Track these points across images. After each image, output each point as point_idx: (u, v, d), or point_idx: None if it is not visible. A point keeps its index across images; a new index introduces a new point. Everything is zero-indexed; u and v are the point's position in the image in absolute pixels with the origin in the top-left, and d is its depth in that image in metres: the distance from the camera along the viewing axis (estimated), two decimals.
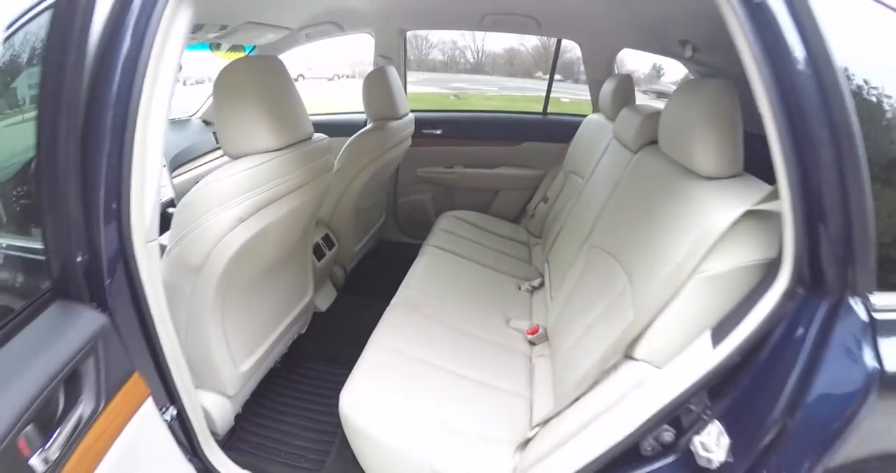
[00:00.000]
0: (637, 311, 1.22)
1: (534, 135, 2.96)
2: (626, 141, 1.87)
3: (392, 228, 3.12)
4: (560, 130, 2.85)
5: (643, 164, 1.64)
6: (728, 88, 1.17)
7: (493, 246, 2.57)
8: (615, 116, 2.13)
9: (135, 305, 1.05)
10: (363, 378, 1.44)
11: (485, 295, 2.08)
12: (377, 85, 2.32)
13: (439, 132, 2.99)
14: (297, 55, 2.81)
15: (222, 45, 2.51)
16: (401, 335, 1.64)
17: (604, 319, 1.40)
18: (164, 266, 1.34)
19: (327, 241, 2.30)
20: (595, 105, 2.84)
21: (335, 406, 1.38)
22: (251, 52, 2.67)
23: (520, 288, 2.24)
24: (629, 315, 1.26)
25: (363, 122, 2.68)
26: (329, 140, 1.71)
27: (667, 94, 2.48)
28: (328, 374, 2.02)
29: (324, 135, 1.69)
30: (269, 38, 2.47)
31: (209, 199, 1.29)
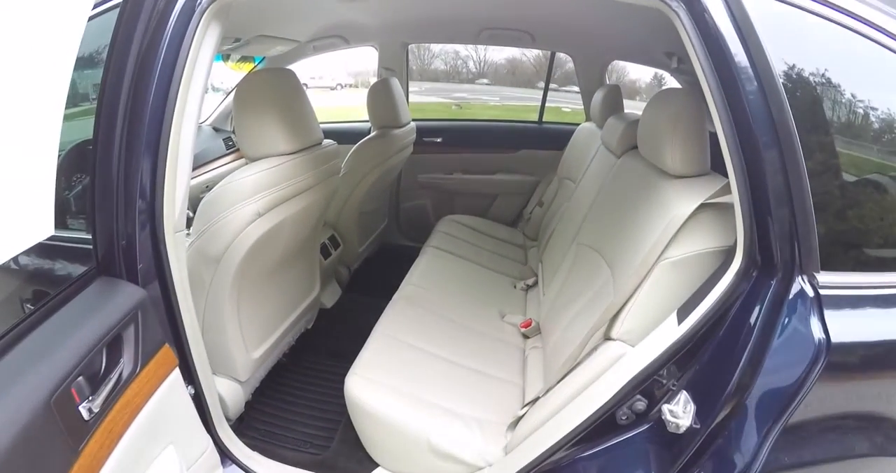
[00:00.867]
0: (616, 298, 1.34)
1: (530, 143, 3.10)
2: (612, 146, 1.99)
3: (394, 232, 3.24)
4: (555, 138, 2.97)
5: (625, 167, 1.77)
6: (691, 96, 1.29)
7: (490, 247, 2.69)
8: (604, 124, 2.25)
9: (162, 287, 1.18)
10: (367, 362, 1.55)
11: (481, 292, 2.20)
12: (381, 95, 2.47)
13: (440, 140, 3.12)
14: (302, 65, 2.95)
15: (233, 56, 2.65)
16: (402, 326, 1.76)
17: (588, 307, 1.51)
18: (187, 256, 1.44)
19: (333, 242, 2.43)
20: (587, 114, 2.97)
21: (339, 397, 1.49)
22: (261, 62, 2.81)
23: (515, 286, 2.36)
24: (613, 307, 1.37)
25: (368, 130, 2.82)
26: (337, 146, 1.84)
27: None
28: (332, 367, 2.11)
29: (333, 142, 1.83)
30: (279, 49, 2.62)
31: (232, 196, 1.42)
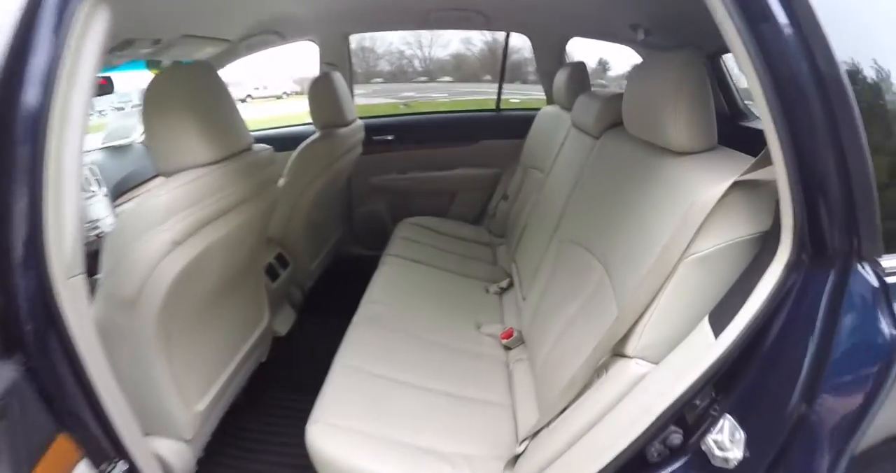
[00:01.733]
0: (620, 304, 1.14)
1: (488, 133, 2.89)
2: (587, 126, 1.79)
3: (349, 241, 2.99)
4: (515, 126, 2.78)
5: (608, 148, 1.56)
6: (695, 59, 1.10)
7: (455, 250, 2.47)
8: (571, 105, 2.06)
9: (63, 350, 0.89)
10: (330, 405, 1.31)
11: (452, 301, 1.97)
12: (323, 91, 2.21)
13: (391, 138, 2.89)
14: (243, 74, 2.71)
15: (162, 63, 2.35)
16: (366, 353, 1.52)
17: (584, 316, 1.31)
18: (97, 302, 1.19)
19: (281, 261, 2.15)
20: (549, 97, 2.79)
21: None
22: None
23: (487, 290, 2.14)
24: (612, 309, 1.17)
25: (311, 134, 2.54)
26: (272, 150, 1.59)
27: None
28: (295, 403, 1.84)
29: (266, 146, 1.57)
30: (209, 51, 2.32)
31: (139, 224, 1.15)
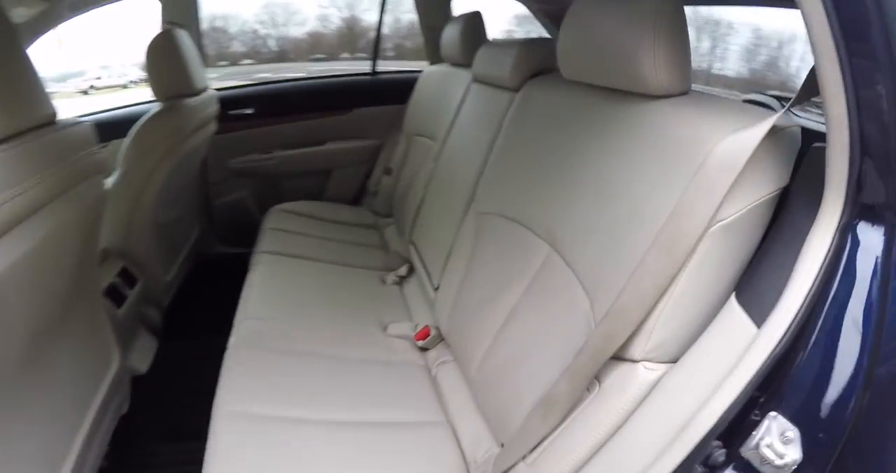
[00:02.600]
0: (597, 293, 0.90)
1: (364, 100, 2.53)
2: (500, 79, 1.52)
3: (210, 241, 2.50)
4: (394, 91, 2.47)
5: (535, 101, 1.30)
6: None
7: (337, 236, 2.12)
8: (469, 60, 1.78)
9: None
10: (218, 468, 0.95)
11: (345, 300, 1.65)
12: (164, 53, 1.70)
13: (250, 111, 2.43)
14: (85, 64, 2.37)
15: None
16: (252, 391, 1.16)
17: (534, 307, 1.06)
18: None
19: (126, 278, 1.67)
20: (432, 56, 2.50)
21: None
22: None
23: (384, 281, 1.84)
24: (578, 298, 0.94)
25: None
26: (90, 125, 1.16)
27: None
28: (174, 454, 1.50)
29: (82, 119, 1.14)
30: (22, 12, 1.75)
31: None
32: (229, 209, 2.52)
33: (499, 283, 1.18)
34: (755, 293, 0.71)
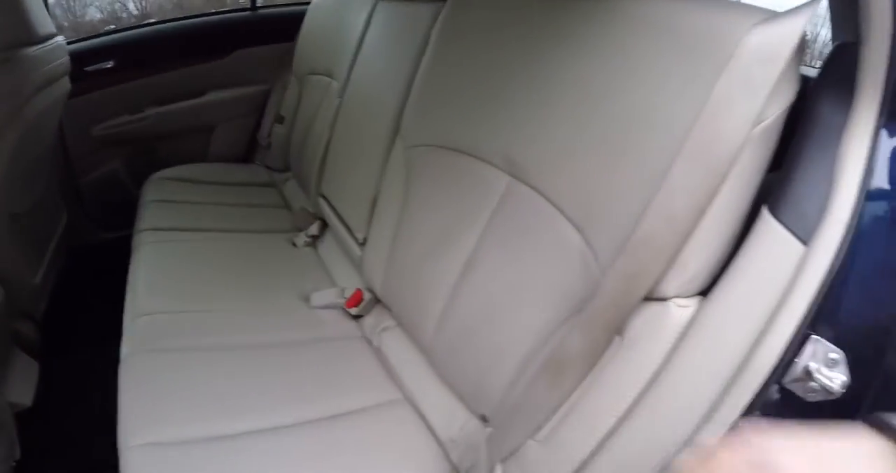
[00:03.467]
0: (586, 221, 0.73)
1: (245, 40, 2.16)
2: None
3: (83, 227, 2.07)
4: (279, 28, 2.15)
5: (475, 4, 1.07)
6: None
7: (230, 200, 1.82)
8: None
9: None
10: None
11: (253, 273, 1.38)
12: None
13: (111, 65, 2.00)
14: None
15: None
16: (159, 410, 0.89)
17: (503, 248, 0.86)
18: None
19: None
20: None
21: None
22: None
23: (295, 243, 1.59)
24: (567, 234, 0.76)
25: None
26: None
27: None
28: None
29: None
30: None
31: None
32: (101, 186, 2.10)
33: (446, 228, 0.98)
34: (793, 205, 0.59)
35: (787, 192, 0.59)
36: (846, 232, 0.55)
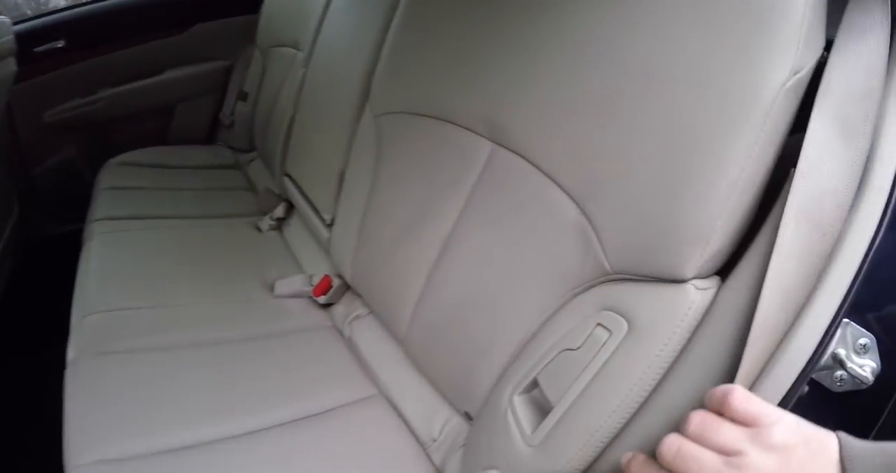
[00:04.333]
0: (584, 190, 0.63)
1: (205, 13, 2.02)
2: None
3: (36, 219, 1.94)
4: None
5: None
6: None
7: (191, 185, 1.70)
8: None
9: None
10: None
11: (213, 262, 1.27)
12: None
13: (62, 45, 1.85)
14: None
15: None
16: (109, 422, 0.79)
17: (488, 230, 0.76)
18: None
19: None
20: None
21: None
22: None
23: (259, 228, 1.48)
24: (558, 204, 0.66)
25: None
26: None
27: None
28: None
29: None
30: None
31: None
32: (54, 175, 1.96)
33: (421, 204, 0.88)
34: None
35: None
36: (886, 203, 0.48)
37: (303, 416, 0.85)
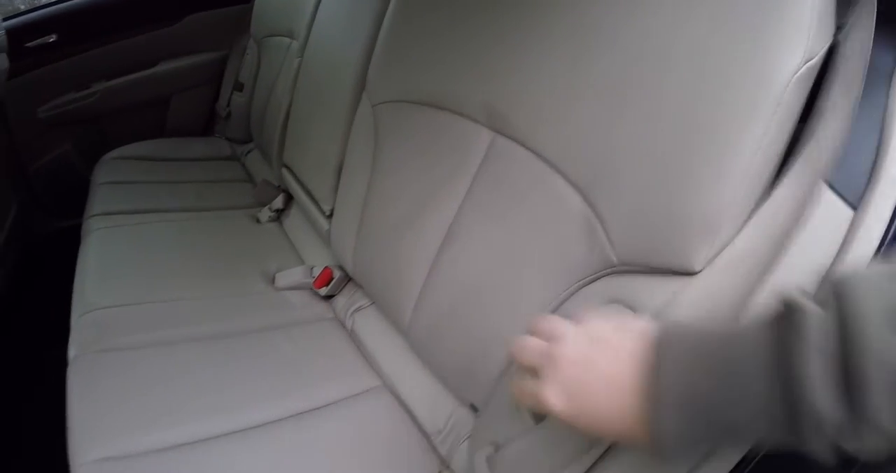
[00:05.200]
0: (588, 180, 0.62)
1: (198, 3, 1.98)
2: None
3: (35, 215, 1.92)
4: None
5: None
6: None
7: (189, 177, 1.69)
8: None
9: None
10: None
11: (213, 255, 1.27)
12: None
13: (54, 38, 1.81)
14: None
15: None
16: (112, 419, 0.78)
17: (491, 219, 0.75)
18: None
19: None
20: None
21: None
22: None
23: (258, 220, 1.47)
24: (561, 194, 0.65)
25: None
26: None
27: None
28: None
29: None
30: None
31: None
32: (51, 171, 1.94)
33: (422, 194, 0.86)
34: (838, 164, 0.49)
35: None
36: None
37: (307, 409, 0.84)
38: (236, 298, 1.11)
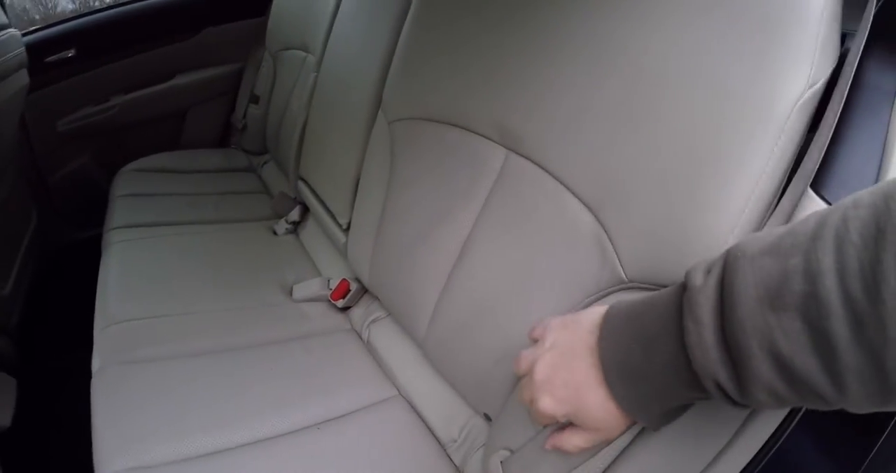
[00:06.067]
0: (598, 198, 0.64)
1: (214, 17, 2.02)
2: None
3: (55, 226, 1.96)
4: (249, 2, 2.01)
5: None
6: None
7: (206, 189, 1.71)
8: None
9: None
10: None
11: (231, 267, 1.29)
12: None
13: (72, 53, 1.85)
14: None
15: None
16: (136, 430, 0.80)
17: (505, 235, 0.77)
18: None
19: None
20: None
21: None
22: None
23: (275, 232, 1.49)
24: (572, 212, 0.67)
25: None
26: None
27: None
28: None
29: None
30: None
31: None
32: (70, 183, 1.97)
33: (438, 209, 0.88)
34: (841, 182, 0.50)
35: (833, 168, 0.50)
36: None
37: (325, 419, 0.86)
38: (255, 310, 1.13)
